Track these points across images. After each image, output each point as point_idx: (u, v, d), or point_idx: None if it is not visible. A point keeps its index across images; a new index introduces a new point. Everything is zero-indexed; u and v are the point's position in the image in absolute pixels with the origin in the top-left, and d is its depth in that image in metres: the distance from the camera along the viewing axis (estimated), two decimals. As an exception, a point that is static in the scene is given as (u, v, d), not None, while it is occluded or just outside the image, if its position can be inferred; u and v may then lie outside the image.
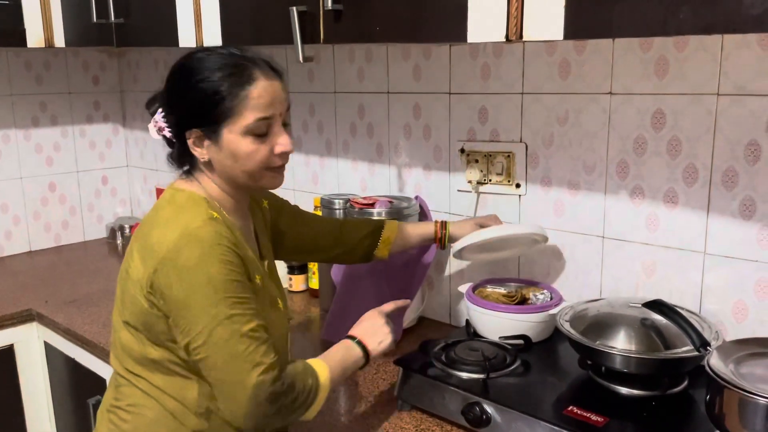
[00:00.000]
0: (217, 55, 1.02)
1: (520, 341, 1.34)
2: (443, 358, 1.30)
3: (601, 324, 1.19)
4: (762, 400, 0.90)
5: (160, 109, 1.06)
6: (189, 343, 0.95)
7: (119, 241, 2.50)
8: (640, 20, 0.88)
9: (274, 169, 1.05)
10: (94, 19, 1.80)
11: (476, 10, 1.05)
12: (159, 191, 2.29)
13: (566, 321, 1.24)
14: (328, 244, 1.34)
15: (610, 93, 1.32)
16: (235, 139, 1.00)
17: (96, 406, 1.48)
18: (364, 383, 1.38)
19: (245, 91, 0.99)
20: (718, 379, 0.94)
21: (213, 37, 1.53)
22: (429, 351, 1.32)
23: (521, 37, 1.01)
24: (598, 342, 1.15)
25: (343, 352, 1.09)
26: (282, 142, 1.04)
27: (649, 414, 1.11)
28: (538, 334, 1.37)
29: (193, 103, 1.00)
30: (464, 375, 1.22)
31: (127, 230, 2.49)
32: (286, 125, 1.05)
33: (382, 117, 1.74)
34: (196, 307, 0.93)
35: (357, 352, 1.10)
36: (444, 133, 1.62)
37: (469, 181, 1.57)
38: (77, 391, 1.82)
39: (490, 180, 1.55)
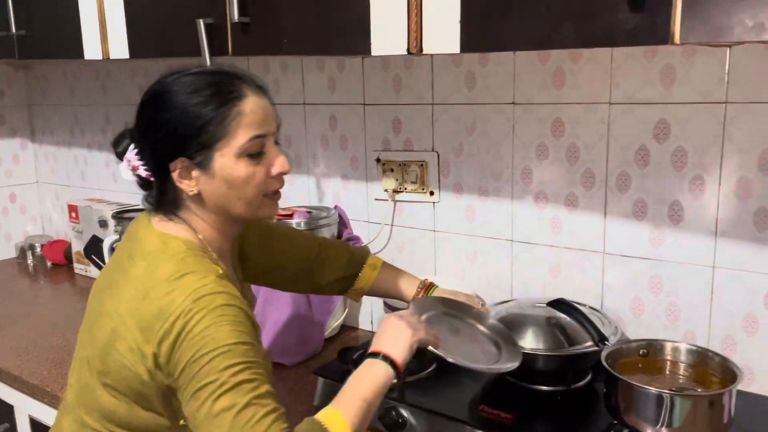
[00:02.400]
0: (196, 75, 0.92)
1: (436, 345, 1.37)
2: (361, 365, 1.31)
3: (511, 325, 1.23)
4: (653, 391, 0.96)
5: (131, 147, 0.95)
6: (193, 410, 0.86)
7: (30, 260, 2.39)
8: (527, 35, 0.93)
9: (272, 195, 0.97)
10: (-6, 31, 1.73)
11: (378, 25, 1.09)
12: (71, 207, 2.21)
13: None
14: (295, 275, 1.22)
15: (513, 103, 1.38)
16: (228, 163, 0.91)
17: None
18: (284, 396, 1.37)
19: (237, 108, 0.90)
20: (612, 372, 1.00)
21: (119, 49, 1.50)
22: (348, 359, 1.34)
23: (422, 50, 1.05)
24: (506, 342, 1.19)
25: (361, 378, 0.94)
26: (279, 162, 0.95)
27: (555, 408, 1.16)
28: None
29: (175, 129, 0.90)
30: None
31: (38, 249, 2.39)
32: (277, 144, 0.98)
33: (299, 128, 1.75)
34: (203, 378, 0.84)
35: (380, 369, 0.93)
36: (360, 144, 1.64)
37: (386, 190, 1.60)
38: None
39: (406, 188, 1.58)
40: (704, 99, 1.17)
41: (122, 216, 2.00)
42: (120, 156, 0.99)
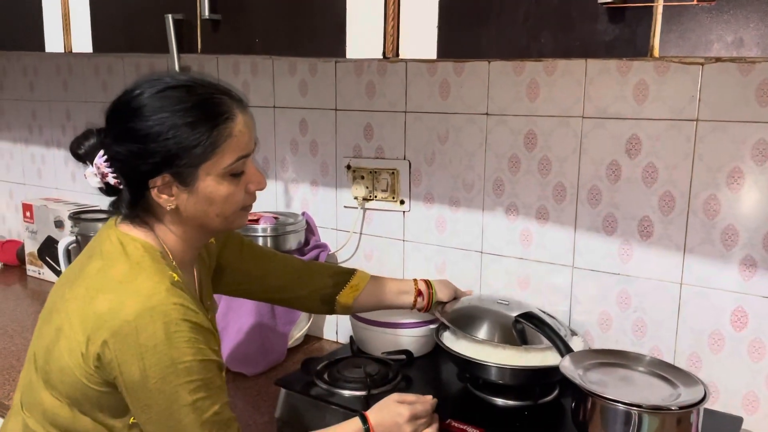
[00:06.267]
0: (182, 89, 0.89)
1: (403, 356, 1.34)
2: (326, 376, 1.28)
3: (468, 317, 1.22)
4: (621, 407, 0.95)
5: (101, 153, 0.91)
6: (145, 424, 0.86)
7: (-20, 261, 2.28)
8: (506, 43, 0.92)
9: (246, 208, 0.97)
10: (-50, 19, 1.65)
11: (355, 28, 1.06)
12: (26, 206, 2.12)
13: (444, 335, 1.26)
14: (282, 283, 1.21)
15: (487, 114, 1.37)
16: (212, 182, 0.90)
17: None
18: (244, 407, 1.33)
19: (228, 130, 0.89)
20: (583, 389, 0.99)
21: (83, 43, 1.44)
22: (311, 370, 1.30)
23: (398, 54, 1.03)
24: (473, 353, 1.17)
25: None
26: (256, 179, 0.95)
27: (522, 423, 1.14)
28: (420, 349, 1.38)
29: (162, 146, 0.87)
30: (346, 393, 1.21)
31: (-10, 249, 2.29)
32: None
33: (268, 131, 1.71)
34: (156, 391, 0.83)
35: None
36: (331, 149, 1.61)
37: (355, 198, 1.58)
38: None
39: (376, 196, 1.56)
40: (676, 116, 1.18)
41: (79, 217, 1.92)
42: (79, 158, 0.94)
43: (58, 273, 2.05)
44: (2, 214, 2.45)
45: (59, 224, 2.02)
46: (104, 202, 2.24)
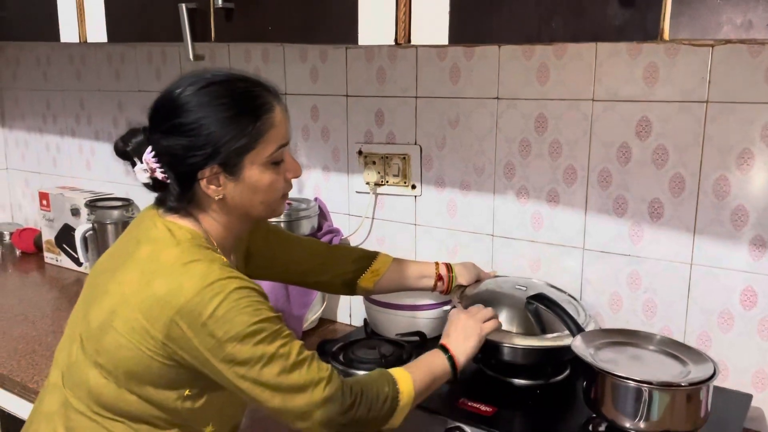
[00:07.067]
0: (224, 84, 0.94)
1: (416, 337, 1.37)
2: (341, 357, 1.31)
3: (487, 302, 1.23)
4: (632, 384, 0.97)
5: (149, 149, 0.94)
6: (236, 389, 0.90)
7: (-2, 249, 2.33)
8: (518, 28, 0.93)
9: (285, 196, 1.03)
10: (-35, 10, 1.67)
11: (367, 14, 1.07)
12: (42, 195, 2.15)
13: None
14: (307, 268, 1.25)
15: (497, 98, 1.38)
16: (256, 171, 0.95)
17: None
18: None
19: (269, 120, 0.94)
20: (594, 367, 1.01)
21: (97, 33, 1.46)
22: (327, 351, 1.33)
23: (410, 41, 1.04)
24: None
25: (430, 359, 1.05)
26: (293, 168, 1.01)
27: (534, 401, 1.17)
28: (434, 330, 1.41)
29: (211, 139, 0.91)
30: (361, 373, 1.23)
31: (7, 237, 2.33)
32: None
33: (280, 118, 1.72)
34: (239, 354, 0.87)
35: (442, 362, 1.05)
36: (342, 135, 1.63)
37: (367, 183, 1.59)
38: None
39: (387, 181, 1.57)
40: (686, 98, 1.18)
41: (95, 204, 1.96)
42: (125, 155, 0.98)
43: (75, 260, 2.08)
44: (19, 202, 2.49)
45: (75, 212, 2.06)
46: (118, 190, 2.27)
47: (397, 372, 0.99)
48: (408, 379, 0.98)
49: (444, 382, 1.05)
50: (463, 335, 1.10)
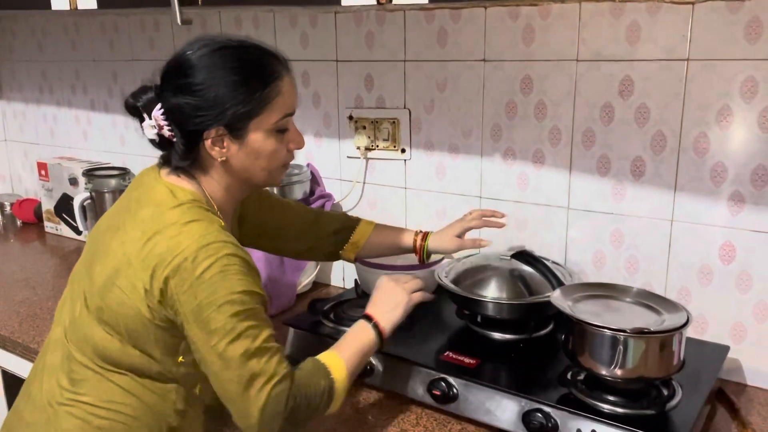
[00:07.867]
0: (237, 49, 0.96)
1: (405, 297, 1.40)
2: (331, 316, 1.34)
3: (475, 275, 1.27)
4: (607, 332, 1.00)
5: (159, 106, 0.96)
6: (201, 357, 0.92)
7: (-1, 219, 2.37)
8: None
9: (286, 165, 1.05)
10: (-43, -20, 1.68)
11: (349, -25, 1.09)
12: (41, 165, 2.18)
13: (445, 275, 1.31)
14: (293, 235, 1.28)
15: (484, 60, 1.40)
16: (261, 136, 0.97)
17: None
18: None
19: (278, 87, 0.96)
20: (571, 317, 1.04)
21: (87, 0, 1.48)
22: (318, 310, 1.37)
23: (390, 1, 1.06)
24: (471, 291, 1.23)
25: (358, 335, 1.05)
26: (296, 139, 1.03)
27: (516, 354, 1.20)
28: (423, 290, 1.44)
29: (219, 100, 0.93)
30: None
31: (7, 208, 2.36)
32: None
33: (272, 85, 1.74)
34: (212, 322, 0.89)
35: (369, 335, 1.05)
36: (333, 101, 1.65)
37: (358, 147, 1.62)
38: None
39: (378, 146, 1.60)
40: (667, 56, 1.20)
41: (93, 174, 1.99)
42: (135, 110, 0.99)
43: (74, 228, 2.12)
44: (18, 173, 2.52)
45: (73, 182, 2.09)
46: (115, 159, 2.29)
47: (329, 359, 0.99)
48: (341, 366, 0.98)
49: (372, 354, 1.06)
50: (391, 304, 1.09)
